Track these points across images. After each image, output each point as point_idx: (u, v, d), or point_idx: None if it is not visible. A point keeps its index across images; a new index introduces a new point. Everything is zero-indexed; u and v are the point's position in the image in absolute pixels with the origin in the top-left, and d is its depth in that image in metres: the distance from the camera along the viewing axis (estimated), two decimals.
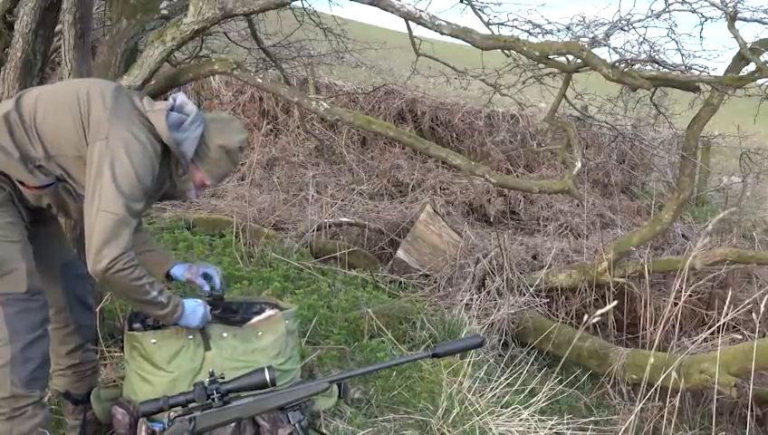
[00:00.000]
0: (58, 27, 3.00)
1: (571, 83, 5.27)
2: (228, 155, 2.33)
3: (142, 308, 2.33)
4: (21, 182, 2.18)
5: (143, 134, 2.16)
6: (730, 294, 3.52)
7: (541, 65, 5.01)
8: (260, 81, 3.18)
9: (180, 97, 2.32)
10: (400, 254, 5.31)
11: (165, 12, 3.11)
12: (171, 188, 2.37)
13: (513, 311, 4.59)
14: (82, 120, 2.14)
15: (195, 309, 2.39)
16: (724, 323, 3.34)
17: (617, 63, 4.25)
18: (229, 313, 2.75)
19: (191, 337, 2.49)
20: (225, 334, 2.54)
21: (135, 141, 2.13)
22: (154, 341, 2.44)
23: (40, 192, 2.21)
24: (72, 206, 2.28)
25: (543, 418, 3.04)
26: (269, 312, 2.73)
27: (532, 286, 4.91)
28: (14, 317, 2.13)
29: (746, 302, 3.41)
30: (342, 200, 6.65)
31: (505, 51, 4.51)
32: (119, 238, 2.09)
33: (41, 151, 2.14)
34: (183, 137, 2.25)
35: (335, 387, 2.66)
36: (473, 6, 4.73)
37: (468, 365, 3.27)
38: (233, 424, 2.34)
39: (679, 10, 4.67)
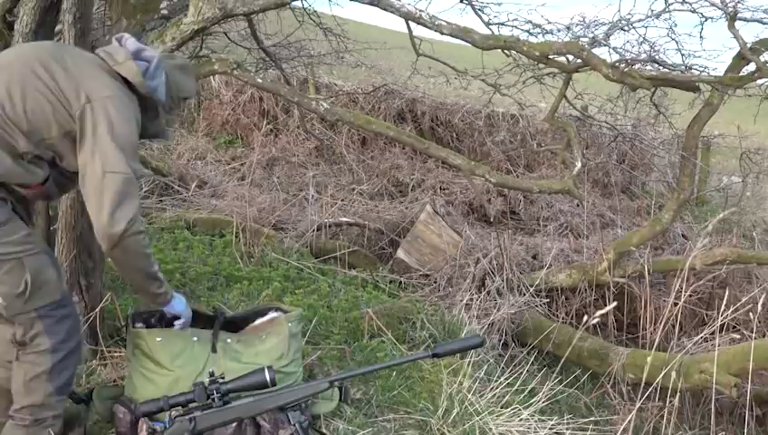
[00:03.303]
0: (58, 27, 3.00)
1: (571, 83, 5.28)
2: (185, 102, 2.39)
3: (143, 285, 2.24)
4: (22, 186, 2.11)
5: (119, 90, 2.11)
6: (727, 293, 3.52)
7: (541, 65, 5.01)
8: (260, 81, 3.19)
9: (130, 41, 2.23)
10: (400, 254, 5.31)
11: (165, 12, 3.12)
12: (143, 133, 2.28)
13: (513, 311, 4.59)
14: (56, 95, 2.04)
15: (181, 298, 2.41)
16: (724, 324, 3.34)
17: (617, 63, 4.25)
18: (233, 326, 2.77)
19: (195, 338, 2.50)
20: (228, 340, 2.55)
21: (117, 98, 2.08)
22: (159, 338, 2.45)
23: (44, 187, 2.14)
24: (69, 185, 2.23)
25: (543, 418, 3.04)
26: (272, 314, 2.75)
27: (532, 286, 4.91)
28: (54, 327, 2.11)
29: (744, 300, 3.41)
30: (342, 200, 6.65)
31: (505, 51, 4.51)
32: (132, 199, 2.04)
33: (25, 143, 2.04)
34: (155, 84, 2.21)
35: (336, 390, 2.67)
36: (473, 6, 4.73)
37: (468, 365, 3.27)
38: (234, 424, 2.34)
39: (679, 10, 4.67)
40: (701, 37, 4.83)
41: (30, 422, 2.13)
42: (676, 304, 3.71)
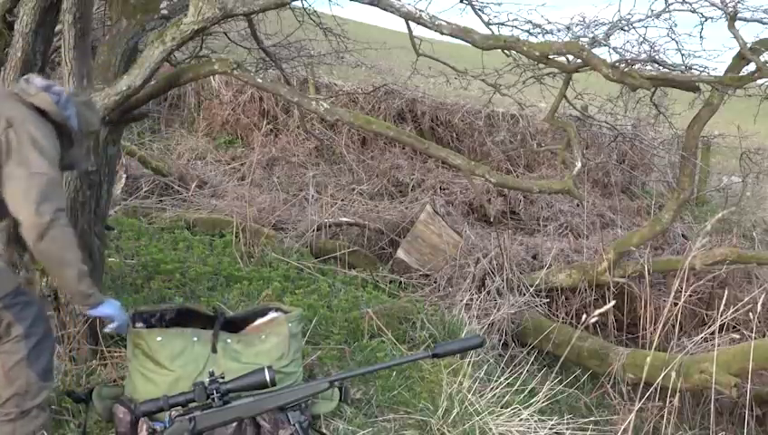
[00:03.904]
0: (58, 27, 3.00)
1: (571, 83, 5.28)
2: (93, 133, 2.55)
3: (74, 281, 2.22)
4: None
5: (36, 117, 2.21)
6: (726, 293, 3.52)
7: (541, 65, 5.01)
8: (260, 81, 3.18)
9: (38, 79, 2.33)
10: (400, 254, 5.31)
11: (165, 12, 3.11)
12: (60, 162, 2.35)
13: (513, 311, 4.59)
14: None
15: (113, 302, 2.36)
16: (724, 324, 3.34)
17: (617, 63, 4.25)
18: (233, 326, 2.77)
19: (195, 338, 2.50)
20: (228, 340, 2.55)
21: (36, 121, 2.18)
22: (160, 338, 2.45)
23: None
24: None
25: (543, 418, 3.04)
26: (272, 314, 2.75)
27: (532, 286, 4.91)
28: (21, 313, 2.17)
29: (745, 300, 3.41)
30: (342, 200, 6.65)
31: (505, 51, 4.51)
32: (57, 197, 2.12)
33: None
34: (68, 113, 2.31)
35: (336, 390, 2.67)
36: (473, 6, 4.72)
37: (468, 365, 3.27)
38: (234, 424, 2.34)
39: (679, 10, 4.67)
40: (701, 37, 4.84)
41: (16, 415, 2.17)
42: (676, 304, 3.71)
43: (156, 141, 8.05)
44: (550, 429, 2.97)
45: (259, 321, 2.79)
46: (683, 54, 4.79)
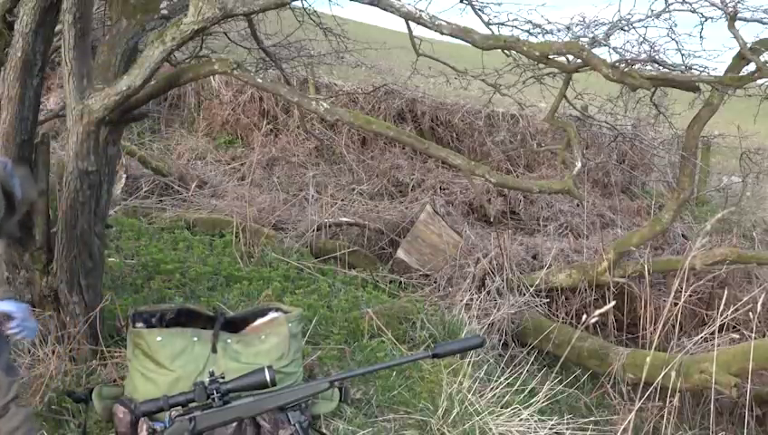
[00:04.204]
0: (58, 27, 3.00)
1: (571, 83, 5.28)
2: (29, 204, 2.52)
3: None
4: None
5: None
6: (726, 293, 3.52)
7: (541, 65, 5.01)
8: (260, 81, 3.18)
9: None
10: (400, 254, 5.31)
11: (165, 12, 3.12)
12: None
13: (513, 311, 4.60)
14: None
15: (20, 304, 2.28)
16: (724, 324, 3.34)
17: (617, 63, 4.25)
18: (233, 326, 2.77)
19: (196, 338, 2.50)
20: (229, 340, 2.55)
21: None
22: (160, 338, 2.45)
23: None
24: None
25: (543, 418, 3.05)
26: (272, 314, 2.75)
27: (532, 286, 4.91)
28: None
29: (745, 300, 3.41)
30: (342, 200, 6.65)
31: (505, 51, 4.51)
32: None
33: None
34: (15, 181, 2.31)
35: (336, 391, 2.67)
36: (473, 6, 4.72)
37: (468, 365, 3.27)
38: (234, 424, 2.34)
39: (679, 10, 4.67)
40: (701, 37, 4.83)
41: None
42: (676, 304, 3.71)
43: (156, 141, 8.05)
44: (550, 429, 2.97)
45: (259, 321, 2.79)
46: (683, 54, 4.79)
